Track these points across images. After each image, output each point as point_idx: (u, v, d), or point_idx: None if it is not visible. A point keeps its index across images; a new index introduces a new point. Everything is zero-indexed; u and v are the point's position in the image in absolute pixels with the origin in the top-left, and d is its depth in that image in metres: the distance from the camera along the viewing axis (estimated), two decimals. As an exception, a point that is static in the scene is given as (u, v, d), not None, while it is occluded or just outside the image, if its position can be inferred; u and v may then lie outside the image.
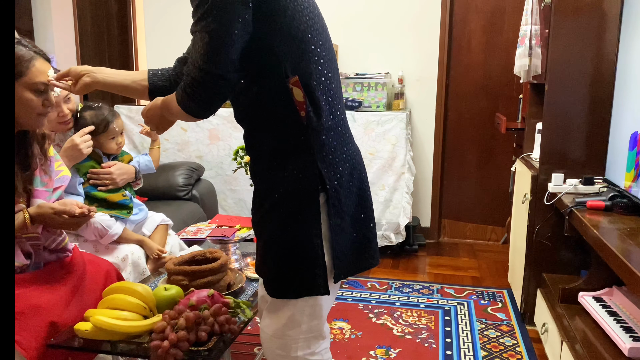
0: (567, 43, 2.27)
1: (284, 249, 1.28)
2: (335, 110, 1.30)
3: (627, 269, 1.37)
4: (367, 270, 1.40)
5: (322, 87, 1.26)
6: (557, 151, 2.36)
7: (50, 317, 1.42)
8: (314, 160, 1.25)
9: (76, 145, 1.96)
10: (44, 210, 1.46)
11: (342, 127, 1.32)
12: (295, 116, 1.23)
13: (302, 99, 1.22)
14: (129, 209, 2.14)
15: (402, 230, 3.42)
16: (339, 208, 1.28)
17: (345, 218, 1.30)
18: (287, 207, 1.26)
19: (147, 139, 3.73)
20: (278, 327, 1.32)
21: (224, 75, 1.16)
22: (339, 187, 1.28)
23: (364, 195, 1.37)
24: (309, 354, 1.34)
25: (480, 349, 2.34)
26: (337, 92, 1.33)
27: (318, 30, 1.27)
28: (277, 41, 1.20)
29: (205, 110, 1.23)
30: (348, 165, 1.31)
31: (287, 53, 1.21)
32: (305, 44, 1.23)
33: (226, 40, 1.14)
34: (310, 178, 1.24)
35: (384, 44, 3.79)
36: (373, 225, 1.40)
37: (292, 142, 1.26)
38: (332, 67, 1.31)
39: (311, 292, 1.27)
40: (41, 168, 1.58)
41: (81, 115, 2.09)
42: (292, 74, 1.21)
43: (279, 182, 1.27)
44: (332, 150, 1.28)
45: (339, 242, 1.29)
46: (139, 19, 4.34)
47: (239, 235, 1.97)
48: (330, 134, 1.28)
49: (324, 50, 1.28)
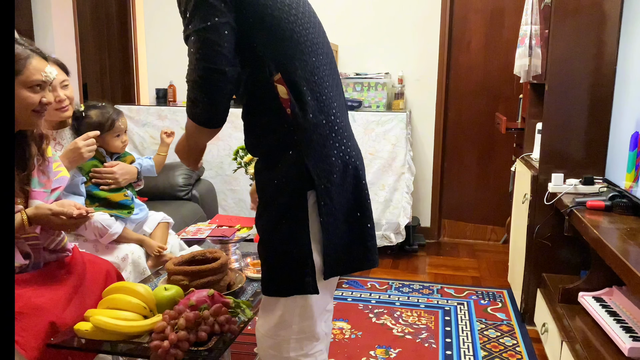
0: (567, 43, 2.27)
1: (274, 248, 1.28)
2: (324, 106, 1.28)
3: (627, 269, 1.37)
4: (361, 270, 1.38)
5: (308, 84, 1.25)
6: (557, 151, 2.36)
7: (50, 317, 1.42)
8: (301, 158, 1.24)
9: (78, 148, 1.96)
10: (42, 211, 1.46)
11: (334, 123, 1.30)
12: (282, 113, 1.24)
13: (286, 96, 1.23)
14: (130, 208, 2.14)
15: (402, 230, 3.42)
16: (330, 206, 1.27)
17: (338, 216, 1.29)
18: (277, 206, 1.26)
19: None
20: (270, 326, 1.32)
21: (217, 68, 1.17)
22: (329, 184, 1.26)
23: (361, 194, 1.35)
24: (302, 355, 1.33)
25: (480, 349, 2.34)
26: (330, 89, 1.32)
27: (304, 25, 1.28)
28: (259, 37, 1.21)
29: (211, 114, 1.21)
30: (340, 162, 1.30)
31: (270, 49, 1.22)
32: (288, 39, 1.24)
33: (212, 34, 1.17)
34: (298, 175, 1.24)
35: (384, 44, 3.79)
36: (370, 225, 1.37)
37: (281, 140, 1.26)
38: (323, 63, 1.30)
39: (300, 291, 1.27)
40: (39, 169, 1.57)
41: (86, 114, 2.09)
42: (276, 71, 1.22)
43: (269, 180, 1.27)
44: (321, 147, 1.26)
45: (330, 241, 1.27)
46: (139, 19, 4.34)
47: (239, 235, 1.97)
48: (317, 130, 1.26)
49: (313, 46, 1.28)
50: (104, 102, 2.18)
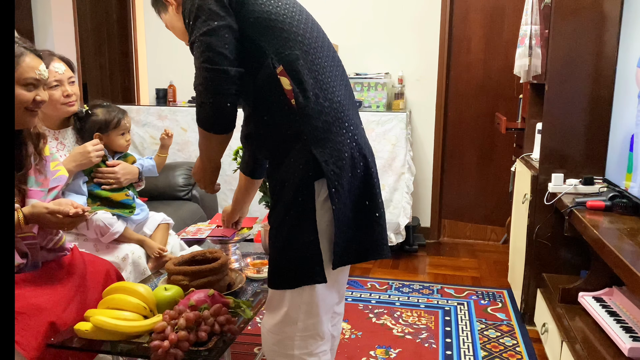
0: (567, 43, 2.27)
1: (282, 237, 1.29)
2: (328, 93, 1.29)
3: (627, 269, 1.37)
4: (370, 260, 1.36)
5: (310, 72, 1.27)
6: (557, 151, 2.36)
7: (50, 317, 1.42)
8: (308, 146, 1.25)
9: (87, 152, 1.98)
10: (38, 209, 1.45)
11: (339, 110, 1.30)
12: (288, 105, 1.26)
13: (289, 86, 1.25)
14: (131, 208, 2.15)
15: (402, 230, 3.42)
16: (341, 192, 1.26)
17: (347, 203, 1.28)
18: (286, 197, 1.27)
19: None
20: (275, 322, 1.32)
21: (219, 69, 1.20)
22: (339, 170, 1.26)
23: (370, 182, 1.34)
24: (306, 354, 1.32)
25: (480, 349, 2.34)
26: (334, 78, 1.33)
27: (299, 19, 1.31)
28: (258, 34, 1.26)
29: (216, 117, 1.25)
30: (349, 148, 1.29)
31: (270, 43, 1.26)
32: (287, 31, 1.27)
33: (213, 37, 1.21)
34: (305, 165, 1.25)
35: (384, 44, 3.79)
36: (379, 215, 1.35)
37: (288, 132, 1.28)
38: (324, 54, 1.33)
39: (307, 281, 1.26)
40: (35, 168, 1.56)
41: (93, 112, 2.11)
42: (278, 64, 1.25)
43: (279, 175, 1.29)
44: (327, 133, 1.27)
45: (339, 229, 1.27)
46: (139, 19, 4.34)
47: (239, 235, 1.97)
48: (322, 117, 1.27)
49: (312, 38, 1.31)
50: (108, 102, 2.19)
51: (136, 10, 4.34)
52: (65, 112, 2.05)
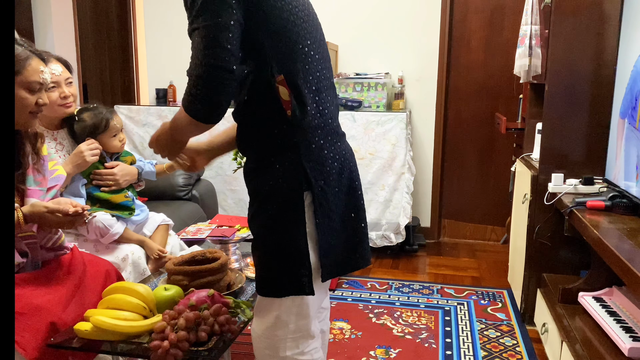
0: (567, 43, 2.27)
1: (270, 248, 1.28)
2: (323, 108, 1.29)
3: (626, 269, 1.37)
4: (357, 270, 1.40)
5: (309, 86, 1.26)
6: (557, 151, 2.36)
7: (50, 317, 1.42)
8: (299, 159, 1.25)
9: (81, 152, 1.98)
10: (38, 209, 1.45)
11: (330, 125, 1.32)
12: (282, 114, 1.24)
13: (287, 97, 1.23)
14: (131, 209, 2.14)
15: (402, 230, 3.41)
16: (326, 207, 1.27)
17: (334, 217, 1.30)
18: (273, 206, 1.26)
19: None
20: (266, 326, 1.32)
21: (225, 67, 1.15)
22: (325, 186, 1.27)
23: (355, 195, 1.36)
24: (298, 354, 1.33)
25: (480, 349, 2.34)
26: (328, 91, 1.33)
27: (308, 29, 1.28)
28: (265, 37, 1.21)
29: (212, 111, 1.18)
30: (337, 164, 1.31)
31: (275, 50, 1.22)
32: (294, 42, 1.24)
33: (223, 32, 1.14)
34: (295, 177, 1.25)
35: (384, 44, 3.79)
36: (364, 225, 1.39)
37: (278, 141, 1.26)
38: (323, 66, 1.31)
39: (296, 292, 1.27)
40: (34, 167, 1.57)
41: (80, 117, 2.08)
42: (279, 73, 1.22)
43: (265, 181, 1.27)
44: (319, 149, 1.27)
45: (327, 242, 1.28)
46: (139, 19, 4.34)
47: (239, 235, 1.97)
48: (317, 132, 1.27)
49: (315, 49, 1.28)
50: (95, 104, 2.15)
51: (136, 11, 4.34)
52: (63, 114, 2.04)
